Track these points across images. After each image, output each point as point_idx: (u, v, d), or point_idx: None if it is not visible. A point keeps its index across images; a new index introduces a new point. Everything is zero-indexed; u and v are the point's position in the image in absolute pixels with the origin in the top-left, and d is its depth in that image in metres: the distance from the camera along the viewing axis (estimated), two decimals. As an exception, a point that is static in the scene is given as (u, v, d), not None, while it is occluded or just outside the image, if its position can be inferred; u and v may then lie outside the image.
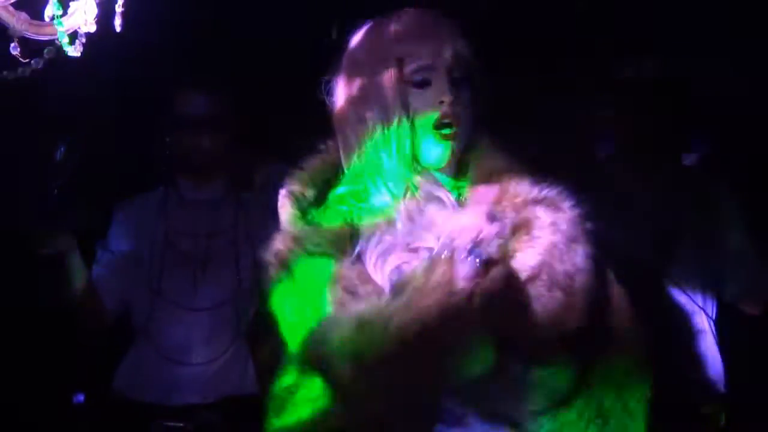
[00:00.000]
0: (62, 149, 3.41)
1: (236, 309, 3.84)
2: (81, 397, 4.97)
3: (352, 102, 2.32)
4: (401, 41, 2.26)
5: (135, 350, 3.88)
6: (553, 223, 2.21)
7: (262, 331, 3.74)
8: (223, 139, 3.89)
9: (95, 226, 3.80)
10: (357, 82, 2.31)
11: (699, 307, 3.64)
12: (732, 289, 3.71)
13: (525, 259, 2.17)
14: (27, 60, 2.17)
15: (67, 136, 3.43)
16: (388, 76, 2.26)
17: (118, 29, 2.22)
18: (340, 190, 2.32)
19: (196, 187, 3.94)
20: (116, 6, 2.21)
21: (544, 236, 2.20)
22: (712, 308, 3.70)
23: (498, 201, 2.28)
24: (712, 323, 3.69)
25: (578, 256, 2.20)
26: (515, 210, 2.24)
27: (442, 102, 2.25)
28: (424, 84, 2.26)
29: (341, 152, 2.36)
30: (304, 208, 2.31)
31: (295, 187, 2.34)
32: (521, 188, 2.29)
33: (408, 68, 2.26)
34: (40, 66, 2.19)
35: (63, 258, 3.54)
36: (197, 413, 3.73)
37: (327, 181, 2.35)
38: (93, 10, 2.17)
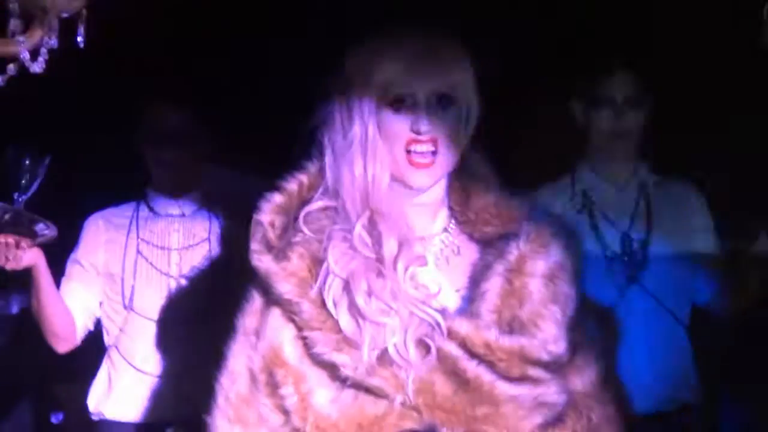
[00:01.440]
0: (27, 162, 3.39)
1: (211, 323, 3.81)
2: (59, 416, 4.96)
3: (337, 116, 2.26)
4: (389, 64, 2.20)
5: (107, 366, 3.85)
6: (567, 246, 2.26)
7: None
8: (195, 153, 3.87)
9: (63, 239, 3.76)
10: (343, 96, 2.24)
11: (670, 313, 3.64)
12: (704, 293, 3.71)
13: (534, 267, 2.20)
14: (-12, 77, 2.15)
15: (32, 149, 3.41)
16: (369, 95, 2.21)
17: (81, 45, 2.20)
18: (315, 204, 2.24)
19: (169, 201, 3.92)
20: (79, 21, 2.19)
21: (556, 255, 2.23)
22: (684, 314, 3.71)
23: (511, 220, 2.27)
24: (683, 329, 3.69)
25: (574, 287, 2.25)
26: (533, 226, 2.25)
27: (417, 132, 2.19)
28: (401, 108, 2.20)
29: (325, 166, 2.28)
30: (270, 241, 2.22)
31: (264, 216, 2.24)
32: (534, 211, 2.30)
33: (390, 89, 2.20)
34: (2, 83, 2.18)
35: (30, 272, 3.52)
36: (173, 429, 3.70)
37: (305, 203, 2.26)
38: (55, 26, 2.16)
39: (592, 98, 3.68)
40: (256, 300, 2.22)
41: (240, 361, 2.20)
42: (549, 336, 2.16)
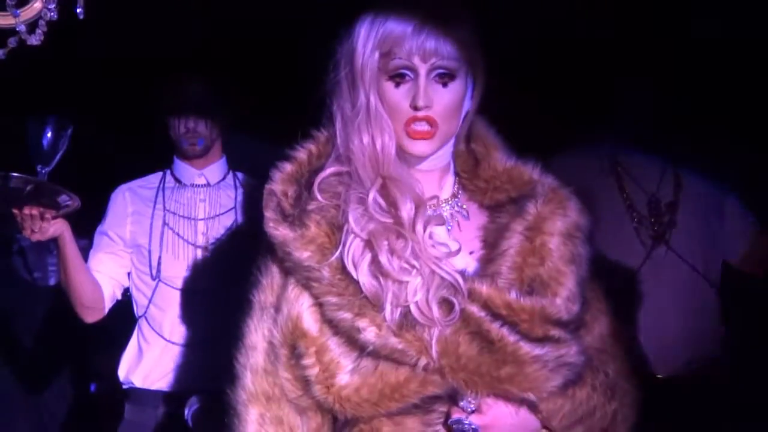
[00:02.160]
0: (49, 134, 3.40)
1: (238, 292, 3.82)
2: (93, 387, 5.02)
3: (344, 84, 2.25)
4: (391, 34, 2.19)
5: (137, 337, 3.88)
6: (581, 210, 2.27)
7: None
8: (218, 122, 3.89)
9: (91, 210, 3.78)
10: (349, 66, 2.24)
11: (700, 274, 3.61)
12: (734, 254, 3.68)
13: (553, 226, 2.21)
14: (-11, 50, 2.15)
15: (54, 121, 3.41)
16: (372, 67, 2.21)
17: (80, 17, 2.20)
18: (327, 171, 2.24)
19: (194, 171, 3.93)
20: (78, -8, 2.19)
21: (573, 216, 2.25)
22: (715, 275, 3.68)
23: (524, 183, 2.29)
24: (715, 290, 3.66)
25: (587, 247, 2.27)
26: (548, 188, 2.26)
27: (415, 108, 2.19)
28: (401, 82, 2.20)
29: (335, 132, 2.28)
30: (285, 210, 2.22)
31: (276, 185, 2.25)
32: (545, 176, 2.30)
33: (388, 63, 2.19)
34: (3, 56, 2.18)
35: (56, 243, 3.54)
36: (198, 397, 3.72)
37: (316, 171, 2.26)
38: (53, -2, 2.15)
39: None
40: (271, 273, 2.24)
41: (258, 335, 2.22)
42: (570, 294, 2.18)
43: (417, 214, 2.17)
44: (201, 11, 4.34)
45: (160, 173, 3.98)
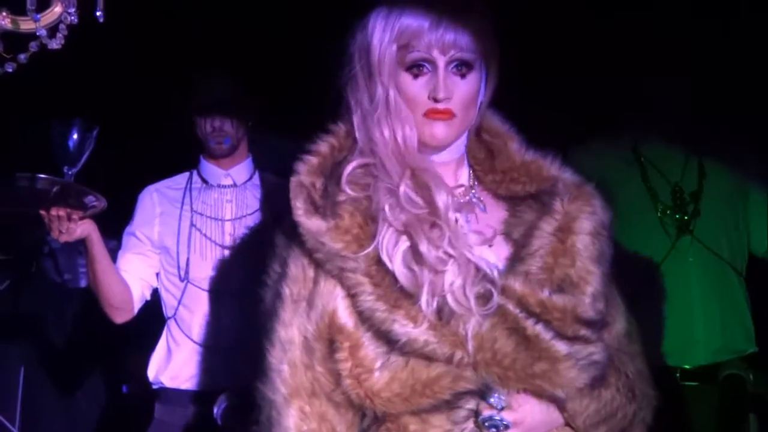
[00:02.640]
0: (75, 135, 3.42)
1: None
2: (125, 388, 5.05)
3: (361, 78, 2.26)
4: (409, 26, 2.20)
5: (166, 338, 3.90)
6: (604, 206, 2.28)
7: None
8: (243, 121, 3.91)
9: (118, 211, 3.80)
10: (365, 59, 2.24)
11: (726, 262, 3.60)
12: (759, 242, 3.66)
13: (581, 225, 2.22)
14: (11, 55, 2.18)
15: (80, 122, 3.44)
16: (389, 60, 2.21)
17: (100, 20, 2.22)
18: (353, 164, 2.24)
19: (220, 171, 3.94)
20: (97, -4, 2.21)
21: (599, 213, 2.26)
22: (741, 264, 3.66)
23: (543, 179, 2.30)
24: (741, 280, 3.64)
25: (611, 243, 2.28)
26: (571, 184, 2.28)
27: (434, 98, 2.20)
28: (420, 74, 2.20)
29: (354, 126, 2.28)
30: (315, 201, 2.22)
31: (304, 177, 2.24)
32: (564, 171, 2.31)
33: (407, 56, 2.20)
34: (25, 60, 2.21)
35: (84, 244, 3.57)
36: (226, 395, 3.74)
37: (338, 164, 2.26)
38: (73, 2, 2.17)
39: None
40: (301, 265, 2.22)
41: (294, 329, 2.20)
42: (597, 293, 2.19)
43: (450, 203, 2.18)
44: (222, 9, 4.36)
45: (187, 174, 3.99)
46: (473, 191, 2.31)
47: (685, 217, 3.61)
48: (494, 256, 2.21)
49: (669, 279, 3.56)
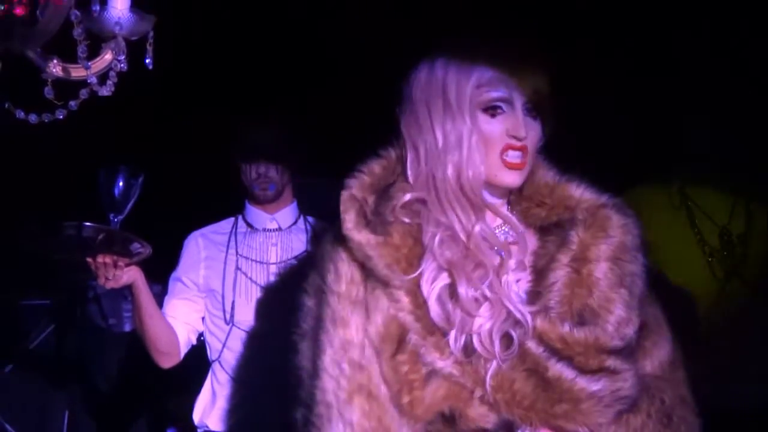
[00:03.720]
0: (121, 183, 3.45)
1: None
2: (173, 431, 5.05)
3: (429, 112, 2.27)
4: (488, 68, 2.24)
5: (211, 381, 3.90)
6: (626, 225, 2.25)
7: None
8: (288, 166, 3.92)
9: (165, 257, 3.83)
10: (442, 97, 2.26)
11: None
12: None
13: (598, 252, 2.21)
14: (62, 102, 2.20)
15: (125, 169, 3.47)
16: (464, 98, 2.24)
17: (149, 67, 2.25)
18: (407, 197, 2.26)
19: (265, 215, 3.96)
20: (147, 44, 2.24)
21: (617, 235, 2.23)
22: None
23: (565, 207, 2.30)
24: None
25: (639, 264, 2.25)
26: (588, 211, 2.27)
27: (513, 136, 2.24)
28: (496, 114, 2.24)
29: (408, 160, 2.30)
30: (366, 215, 2.24)
31: (357, 192, 2.27)
32: (587, 193, 2.31)
33: (485, 95, 2.24)
34: (75, 107, 2.23)
35: (130, 290, 3.59)
36: None
37: (387, 188, 2.29)
38: (123, 50, 2.20)
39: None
40: (351, 271, 2.24)
41: (350, 330, 2.21)
42: (620, 319, 2.19)
43: (511, 252, 2.23)
44: (268, 57, 4.40)
45: (232, 219, 4.01)
46: (505, 225, 2.32)
47: (734, 261, 3.58)
48: (518, 288, 2.24)
49: (720, 323, 3.53)
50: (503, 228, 2.31)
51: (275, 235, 3.96)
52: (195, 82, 4.31)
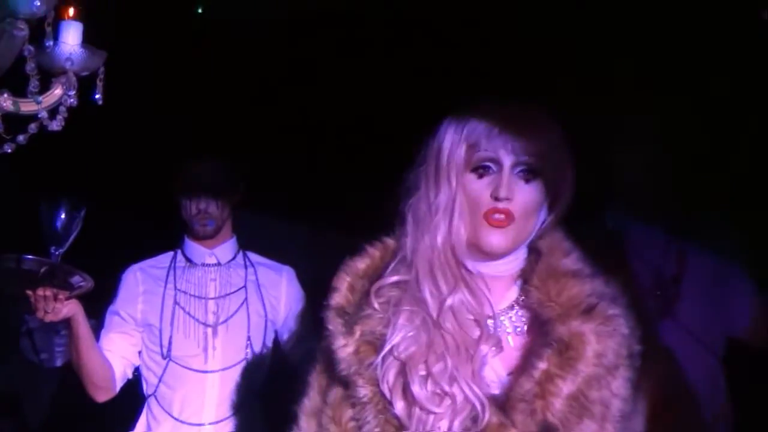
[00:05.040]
0: (62, 216, 3.44)
1: (248, 369, 3.85)
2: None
3: (423, 182, 2.25)
4: (478, 127, 2.19)
5: (146, 415, 3.90)
6: (599, 355, 2.13)
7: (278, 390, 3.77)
8: (229, 202, 3.94)
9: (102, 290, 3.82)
10: (435, 161, 2.23)
11: (706, 347, 3.62)
12: (739, 325, 3.69)
13: (562, 385, 2.11)
14: (10, 136, 2.21)
15: (67, 203, 3.46)
16: (454, 159, 2.20)
17: (99, 102, 2.27)
18: (388, 279, 2.23)
19: (205, 250, 3.97)
20: (97, 80, 2.26)
21: (586, 368, 2.12)
22: (720, 349, 3.68)
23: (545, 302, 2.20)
24: (719, 363, 3.66)
25: (617, 382, 2.15)
26: (562, 319, 2.15)
27: (495, 197, 2.17)
28: (484, 174, 2.19)
29: (402, 237, 2.27)
30: (343, 307, 2.23)
31: (343, 281, 2.26)
32: (573, 290, 2.19)
33: (474, 155, 2.19)
34: (24, 141, 2.24)
35: (66, 323, 3.58)
36: None
37: (377, 277, 2.26)
38: (74, 85, 2.22)
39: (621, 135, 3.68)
40: (322, 361, 2.26)
41: (312, 423, 2.24)
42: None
43: (481, 337, 2.16)
44: (208, 94, 4.44)
45: (171, 253, 4.01)
46: (515, 310, 2.25)
47: (667, 301, 3.62)
48: (504, 385, 2.18)
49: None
50: (514, 313, 2.25)
51: (214, 270, 3.97)
52: (139, 115, 4.31)
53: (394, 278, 2.22)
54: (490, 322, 2.19)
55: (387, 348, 2.14)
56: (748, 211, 3.88)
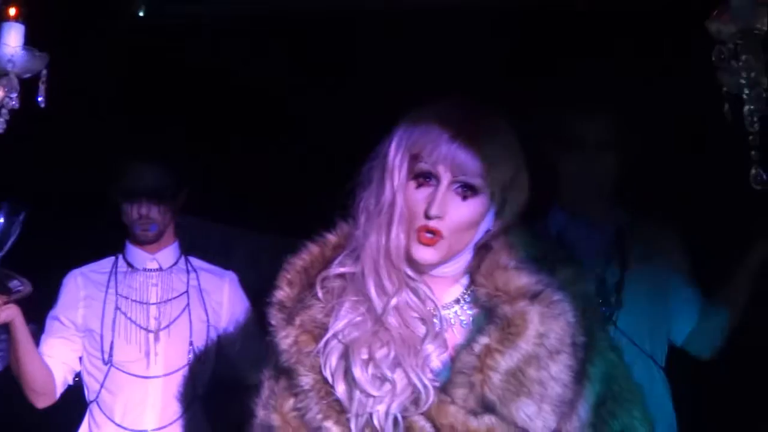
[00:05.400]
0: (1, 220, 3.40)
1: (191, 374, 3.83)
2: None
3: (374, 181, 2.29)
4: (422, 138, 2.22)
5: (88, 422, 3.86)
6: (540, 335, 2.17)
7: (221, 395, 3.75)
8: (170, 207, 3.91)
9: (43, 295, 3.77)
10: (382, 164, 2.27)
11: (647, 355, 3.63)
12: (680, 334, 3.71)
13: (501, 360, 2.16)
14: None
15: (6, 207, 3.42)
16: (396, 166, 2.24)
17: (42, 105, 2.24)
18: (333, 270, 2.28)
19: (146, 255, 3.94)
20: (40, 82, 2.24)
21: (527, 346, 2.16)
22: (661, 355, 3.70)
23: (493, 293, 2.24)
24: (661, 371, 3.68)
25: (557, 366, 2.18)
26: (509, 302, 2.20)
27: (427, 216, 2.20)
28: (422, 185, 2.22)
29: (354, 230, 2.31)
30: (282, 301, 2.29)
31: (285, 277, 2.32)
32: (520, 280, 2.24)
33: (416, 165, 2.22)
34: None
35: (6, 328, 3.54)
36: None
37: (329, 262, 2.31)
38: (16, 87, 2.20)
39: (562, 139, 3.68)
40: (270, 357, 2.30)
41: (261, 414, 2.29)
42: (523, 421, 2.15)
43: (427, 335, 2.21)
44: (149, 98, 4.41)
45: (113, 258, 3.98)
46: (461, 304, 2.30)
47: (609, 308, 3.63)
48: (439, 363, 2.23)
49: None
50: (459, 307, 2.29)
51: (156, 275, 3.94)
52: (79, 118, 4.27)
53: (340, 270, 2.27)
54: (436, 321, 2.24)
55: (330, 333, 2.19)
56: (692, 215, 3.91)
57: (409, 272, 2.25)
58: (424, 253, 2.21)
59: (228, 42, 4.60)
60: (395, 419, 2.14)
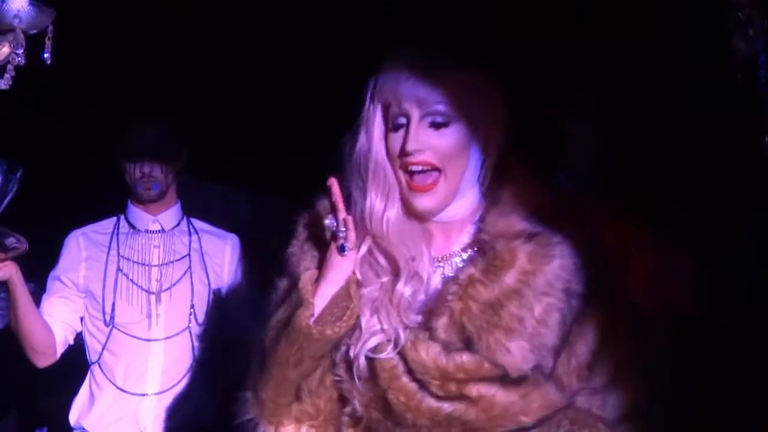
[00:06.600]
0: None
1: (192, 338, 3.82)
2: (43, 431, 4.96)
3: (357, 135, 2.30)
4: (386, 85, 2.23)
5: (89, 383, 3.85)
6: (526, 272, 2.15)
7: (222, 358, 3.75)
8: (172, 167, 3.89)
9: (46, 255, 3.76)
10: (360, 120, 2.29)
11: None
12: None
13: (482, 290, 2.15)
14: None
15: (3, 164, 3.39)
16: (377, 120, 2.26)
17: (48, 62, 2.22)
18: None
19: (148, 217, 3.92)
20: (46, 39, 2.21)
21: (510, 281, 2.14)
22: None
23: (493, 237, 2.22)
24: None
25: (541, 307, 2.14)
26: (505, 241, 2.18)
27: (404, 153, 2.20)
28: (397, 129, 2.22)
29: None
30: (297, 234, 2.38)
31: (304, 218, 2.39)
32: (520, 224, 2.22)
33: (390, 115, 2.23)
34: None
35: (5, 286, 3.53)
36: None
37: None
38: (22, 44, 2.17)
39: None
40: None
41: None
42: (501, 349, 2.13)
43: (397, 281, 2.22)
44: (155, 56, 4.38)
45: (114, 218, 3.96)
46: (467, 252, 2.28)
47: None
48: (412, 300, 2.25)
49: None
50: (467, 255, 2.27)
51: (158, 236, 3.92)
52: (81, 77, 4.24)
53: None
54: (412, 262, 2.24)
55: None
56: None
57: (392, 230, 2.25)
58: (422, 201, 2.23)
59: (228, 4, 4.57)
60: (367, 358, 2.19)
